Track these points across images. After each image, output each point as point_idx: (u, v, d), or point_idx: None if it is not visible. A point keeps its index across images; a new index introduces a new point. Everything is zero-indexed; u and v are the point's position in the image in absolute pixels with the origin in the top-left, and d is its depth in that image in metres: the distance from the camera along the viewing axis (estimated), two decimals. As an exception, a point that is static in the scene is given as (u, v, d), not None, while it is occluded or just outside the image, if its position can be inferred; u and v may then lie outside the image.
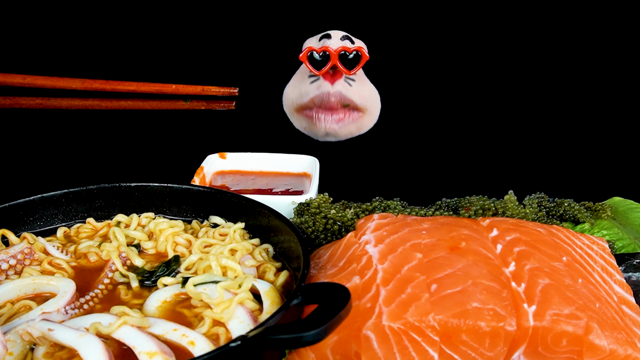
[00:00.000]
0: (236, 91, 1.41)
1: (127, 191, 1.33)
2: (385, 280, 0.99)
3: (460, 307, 0.93)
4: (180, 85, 1.43)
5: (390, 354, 0.92)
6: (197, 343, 0.91)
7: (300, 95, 1.67)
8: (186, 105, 1.43)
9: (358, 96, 1.64)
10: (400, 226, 1.14)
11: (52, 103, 1.45)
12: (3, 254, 1.13)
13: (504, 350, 0.93)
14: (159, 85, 1.44)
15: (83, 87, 1.42)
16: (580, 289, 1.01)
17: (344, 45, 1.58)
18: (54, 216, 1.30)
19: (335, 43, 1.58)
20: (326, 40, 1.60)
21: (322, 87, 1.61)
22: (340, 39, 1.59)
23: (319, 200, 1.38)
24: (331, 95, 1.61)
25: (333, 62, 1.57)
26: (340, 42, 1.58)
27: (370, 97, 1.68)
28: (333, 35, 1.59)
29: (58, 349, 0.92)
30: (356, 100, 1.64)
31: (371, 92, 1.68)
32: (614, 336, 0.94)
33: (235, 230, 1.23)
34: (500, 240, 1.10)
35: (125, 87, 1.42)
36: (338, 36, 1.59)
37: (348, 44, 1.58)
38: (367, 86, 1.67)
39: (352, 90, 1.63)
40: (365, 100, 1.66)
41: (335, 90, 1.61)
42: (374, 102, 1.69)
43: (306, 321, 0.84)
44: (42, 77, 1.43)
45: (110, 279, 1.12)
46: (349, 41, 1.59)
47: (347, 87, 1.62)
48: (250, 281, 1.03)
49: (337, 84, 1.60)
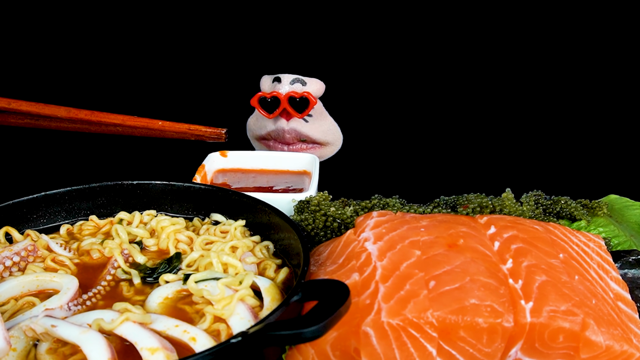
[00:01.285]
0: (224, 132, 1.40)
1: (130, 189, 1.33)
2: (384, 277, 0.99)
3: (458, 303, 0.93)
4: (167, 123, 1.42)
5: (389, 350, 0.91)
6: (198, 339, 0.91)
7: (259, 128, 1.70)
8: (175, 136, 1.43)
9: (316, 131, 1.66)
10: (399, 224, 1.14)
11: (40, 124, 1.44)
12: (7, 251, 1.13)
13: (501, 346, 0.93)
14: (146, 120, 1.43)
15: (68, 116, 1.40)
16: (576, 286, 1.01)
17: (293, 90, 1.59)
18: (57, 214, 1.30)
19: (284, 87, 1.60)
20: (277, 84, 1.62)
21: (277, 123, 1.63)
22: (290, 83, 1.60)
23: (319, 198, 1.38)
24: (286, 132, 1.63)
25: (283, 106, 1.60)
26: (290, 87, 1.60)
27: (329, 131, 1.69)
28: (283, 79, 1.61)
29: (61, 344, 0.92)
30: (313, 135, 1.66)
31: (330, 127, 1.68)
32: (610, 332, 0.94)
33: (236, 228, 1.23)
34: (497, 238, 1.10)
35: (111, 120, 1.41)
36: (288, 80, 1.61)
37: (298, 87, 1.60)
38: (327, 121, 1.68)
39: (308, 126, 1.64)
40: (324, 134, 1.68)
41: (290, 128, 1.63)
42: (334, 135, 1.70)
43: (306, 317, 0.84)
44: (27, 102, 1.41)
45: (112, 275, 1.12)
46: (300, 84, 1.60)
47: (304, 123, 1.63)
48: (250, 278, 1.03)
49: (293, 121, 1.62)
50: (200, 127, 1.42)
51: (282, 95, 1.59)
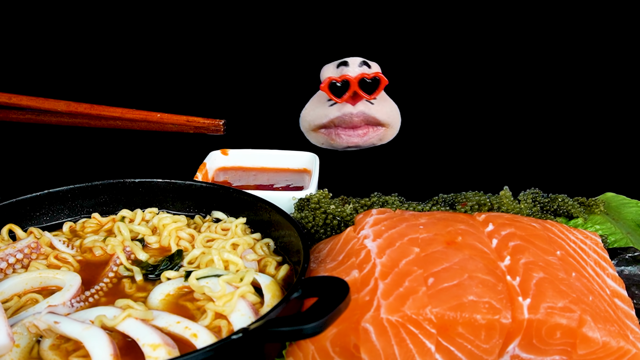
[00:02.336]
0: (222, 123, 1.39)
1: (132, 187, 1.33)
2: (384, 274, 0.99)
3: (456, 300, 0.93)
4: (165, 115, 1.42)
5: (389, 346, 0.91)
6: (199, 335, 0.91)
7: (319, 117, 1.66)
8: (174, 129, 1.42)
9: (381, 113, 1.65)
10: (398, 221, 1.14)
11: (41, 119, 1.44)
12: (10, 248, 1.13)
13: (499, 343, 0.93)
14: (144, 113, 1.42)
15: (68, 110, 1.40)
16: (573, 283, 1.01)
17: (362, 72, 1.57)
18: (60, 211, 1.30)
19: (354, 70, 1.58)
20: (344, 68, 1.59)
21: (343, 108, 1.60)
22: (358, 66, 1.59)
23: (319, 196, 1.38)
24: (354, 115, 1.60)
25: (353, 89, 1.57)
26: (359, 69, 1.58)
27: (392, 112, 1.68)
28: (350, 62, 1.59)
29: (64, 341, 0.91)
30: (379, 117, 1.64)
31: (392, 109, 1.68)
32: (606, 329, 0.94)
33: (237, 225, 1.23)
34: (495, 235, 1.10)
35: (110, 113, 1.40)
36: (356, 63, 1.59)
37: (366, 70, 1.58)
38: (389, 103, 1.68)
39: (374, 108, 1.63)
40: (387, 116, 1.66)
41: (359, 111, 1.60)
42: (395, 117, 1.69)
43: (306, 314, 0.84)
44: (28, 97, 1.41)
45: (114, 272, 1.12)
46: (367, 66, 1.59)
47: (369, 105, 1.62)
48: (251, 275, 1.03)
49: (359, 104, 1.60)
50: (198, 119, 1.42)
51: (352, 78, 1.56)
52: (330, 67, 1.63)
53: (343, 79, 1.56)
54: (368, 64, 1.60)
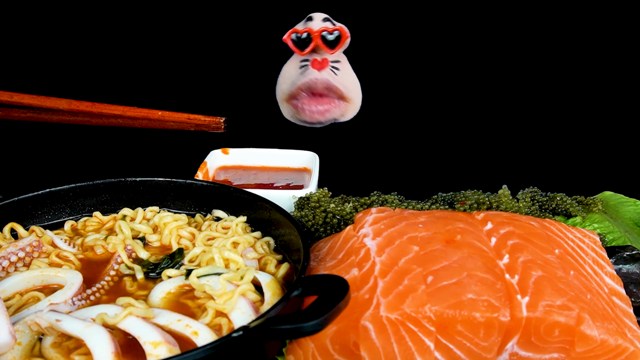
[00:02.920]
0: (222, 121, 1.39)
1: (133, 186, 1.33)
2: (383, 272, 0.99)
3: (455, 298, 0.93)
4: (166, 112, 1.42)
5: (388, 344, 0.91)
6: (200, 333, 0.91)
7: (289, 84, 1.69)
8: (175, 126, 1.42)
9: (342, 85, 1.66)
10: (397, 220, 1.14)
11: (42, 117, 1.44)
12: (12, 246, 1.12)
13: (498, 340, 0.93)
14: (145, 111, 1.42)
15: (69, 108, 1.40)
16: (572, 281, 1.00)
17: (325, 26, 1.59)
18: (61, 210, 1.30)
19: (317, 24, 1.60)
20: (308, 23, 1.62)
21: (309, 74, 1.63)
22: (322, 20, 1.61)
23: (319, 195, 1.38)
24: (318, 81, 1.63)
25: (315, 43, 1.59)
26: (322, 24, 1.60)
27: (353, 86, 1.69)
28: (315, 17, 1.61)
29: (65, 339, 0.91)
30: (341, 89, 1.66)
31: (354, 80, 1.70)
32: (604, 326, 0.94)
33: (238, 224, 1.23)
34: (494, 234, 1.10)
35: (111, 111, 1.41)
36: (320, 18, 1.61)
37: (329, 25, 1.60)
38: (350, 75, 1.69)
39: (337, 79, 1.64)
40: (349, 90, 1.68)
41: (322, 77, 1.63)
42: (357, 92, 1.71)
43: (306, 312, 0.84)
44: (29, 95, 1.41)
45: (116, 271, 1.12)
46: (330, 23, 1.61)
47: (333, 75, 1.64)
48: (252, 273, 1.03)
49: (324, 71, 1.62)
50: (199, 117, 1.42)
51: (314, 31, 1.58)
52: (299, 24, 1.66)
53: (305, 31, 1.59)
54: (332, 21, 1.61)
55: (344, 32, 1.57)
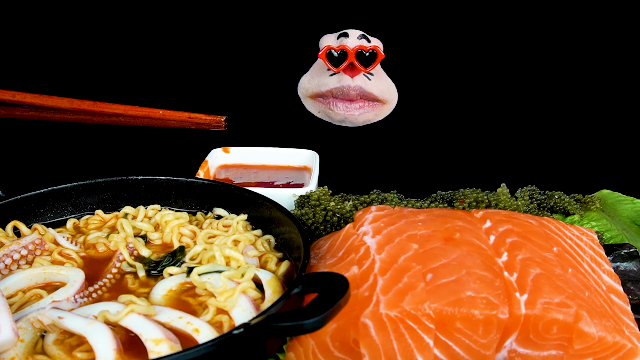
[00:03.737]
0: (223, 119, 1.39)
1: (134, 184, 1.33)
2: (383, 270, 0.99)
3: (454, 295, 0.93)
4: (167, 111, 1.42)
5: (388, 341, 0.91)
6: (201, 330, 0.91)
7: (318, 86, 1.67)
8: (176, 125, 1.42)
9: (377, 89, 1.65)
10: (397, 218, 1.14)
11: (45, 115, 1.44)
12: (15, 244, 1.12)
13: (496, 338, 0.93)
14: (147, 109, 1.42)
15: (71, 107, 1.40)
16: (570, 279, 1.00)
17: (360, 44, 1.58)
18: (63, 208, 1.30)
19: (353, 42, 1.59)
20: (343, 39, 1.60)
21: (342, 80, 1.61)
22: (357, 38, 1.60)
23: (319, 193, 1.38)
24: (351, 88, 1.61)
25: (350, 60, 1.58)
26: (357, 41, 1.59)
27: (388, 89, 1.69)
28: (350, 34, 1.60)
29: (67, 336, 0.91)
30: (376, 93, 1.65)
31: (389, 86, 1.69)
32: (602, 324, 0.94)
33: (238, 222, 1.23)
34: (493, 232, 1.10)
35: (113, 110, 1.41)
36: (355, 35, 1.60)
37: (365, 43, 1.59)
38: (386, 80, 1.69)
39: (371, 84, 1.63)
40: (384, 93, 1.67)
41: (356, 85, 1.61)
42: (392, 94, 1.70)
43: (306, 309, 0.84)
44: (32, 94, 1.41)
45: (118, 268, 1.11)
46: (366, 40, 1.60)
47: (367, 81, 1.62)
48: (252, 271, 1.03)
49: (357, 78, 1.61)
50: (200, 115, 1.42)
51: (350, 49, 1.57)
52: (330, 37, 1.65)
53: (341, 48, 1.57)
54: (368, 37, 1.61)
55: (379, 51, 1.57)
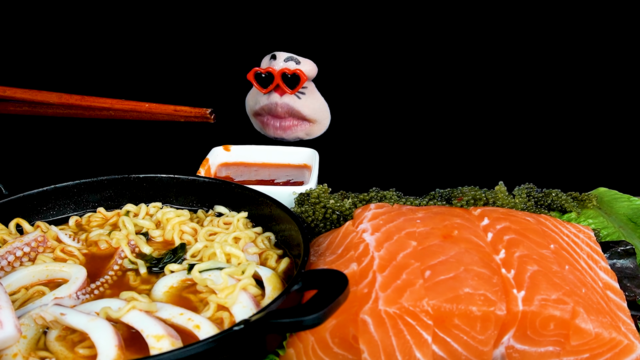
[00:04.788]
0: (208, 112, 1.39)
1: (136, 182, 1.32)
2: (382, 266, 0.99)
3: (452, 292, 0.93)
4: (153, 105, 1.42)
5: (386, 337, 0.91)
6: (202, 327, 0.91)
7: (255, 103, 1.73)
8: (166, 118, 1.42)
9: (307, 108, 1.68)
10: (395, 215, 1.14)
11: (38, 110, 1.45)
12: (17, 242, 1.12)
13: (494, 334, 0.93)
14: (133, 103, 1.43)
15: (60, 101, 1.41)
16: (567, 276, 1.00)
17: (286, 67, 1.63)
18: (66, 206, 1.30)
19: (278, 64, 1.64)
20: (272, 61, 1.66)
21: (271, 97, 1.66)
22: (284, 60, 1.64)
23: (319, 191, 1.38)
24: (279, 105, 1.66)
25: (276, 82, 1.64)
26: (284, 64, 1.64)
27: (319, 109, 1.71)
28: (278, 56, 1.65)
29: (70, 332, 0.91)
30: (304, 112, 1.68)
31: (321, 106, 1.71)
32: (599, 320, 0.94)
33: (239, 219, 1.23)
34: (491, 229, 1.10)
35: (100, 104, 1.42)
36: (282, 57, 1.65)
37: (291, 65, 1.63)
38: (317, 100, 1.70)
39: (300, 102, 1.67)
40: (314, 112, 1.70)
41: (283, 102, 1.65)
42: (323, 114, 1.72)
43: (306, 306, 0.84)
44: (21, 90, 1.42)
45: (119, 265, 1.11)
46: (294, 62, 1.64)
47: (296, 99, 1.66)
48: (253, 268, 1.03)
49: (286, 96, 1.65)
50: (185, 108, 1.43)
51: (276, 71, 1.63)
52: (265, 59, 1.70)
53: (267, 71, 1.64)
54: (297, 60, 1.64)
55: (302, 75, 1.61)
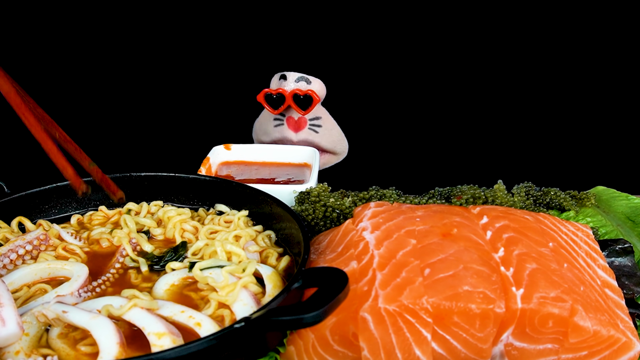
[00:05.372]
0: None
1: (138, 180, 1.32)
2: (381, 264, 0.99)
3: (452, 290, 0.93)
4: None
5: (386, 335, 0.91)
6: (203, 324, 0.91)
7: (265, 133, 1.65)
8: None
9: (326, 141, 1.62)
10: (395, 214, 1.14)
11: None
12: (20, 240, 1.12)
13: (493, 331, 0.93)
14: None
15: None
16: (565, 273, 1.00)
17: (297, 87, 1.56)
18: (68, 204, 1.30)
19: (290, 85, 1.57)
20: (282, 82, 1.59)
21: (284, 133, 1.59)
22: (295, 81, 1.57)
23: (319, 189, 1.38)
24: (295, 143, 1.60)
25: (288, 103, 1.57)
26: (295, 84, 1.57)
27: (338, 141, 1.65)
28: (289, 76, 1.58)
29: (72, 329, 0.91)
30: (324, 145, 1.62)
31: (338, 136, 1.65)
32: (597, 318, 0.94)
33: (240, 218, 1.23)
34: (490, 227, 1.10)
35: None
36: (293, 78, 1.58)
37: (302, 86, 1.57)
38: (334, 129, 1.64)
39: (318, 137, 1.60)
40: (334, 145, 1.64)
41: (300, 139, 1.59)
42: (342, 145, 1.67)
43: (306, 303, 0.84)
44: None
45: (121, 263, 1.11)
46: (305, 82, 1.57)
47: (314, 134, 1.59)
48: (253, 266, 1.03)
49: (302, 132, 1.59)
50: None
51: (287, 92, 1.57)
52: (275, 78, 1.63)
53: (278, 92, 1.57)
54: (307, 79, 1.58)
55: (314, 96, 1.54)
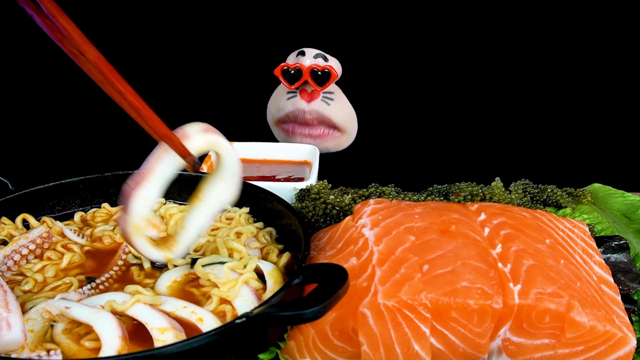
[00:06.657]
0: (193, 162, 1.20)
1: (140, 178, 1.32)
2: (381, 261, 0.99)
3: (450, 286, 0.93)
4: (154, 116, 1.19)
5: (385, 330, 0.91)
6: (205, 319, 0.91)
7: (277, 110, 1.64)
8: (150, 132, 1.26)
9: (338, 115, 1.60)
10: (394, 211, 1.14)
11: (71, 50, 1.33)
12: (23, 239, 1.12)
13: (491, 327, 0.93)
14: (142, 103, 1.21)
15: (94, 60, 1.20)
16: (562, 270, 1.00)
17: (316, 63, 1.55)
18: (71, 201, 1.30)
19: (308, 60, 1.56)
20: (300, 57, 1.58)
21: (297, 104, 1.58)
22: (314, 57, 1.56)
23: (319, 187, 1.38)
24: (306, 112, 1.57)
25: (305, 78, 1.56)
26: (313, 60, 1.56)
27: (349, 117, 1.63)
28: (307, 52, 1.57)
29: (75, 325, 0.92)
30: (335, 119, 1.60)
31: (350, 112, 1.63)
32: (593, 313, 0.94)
33: (241, 215, 1.23)
34: (487, 224, 1.10)
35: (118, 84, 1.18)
36: (311, 54, 1.57)
37: (320, 62, 1.56)
38: (346, 105, 1.63)
39: (330, 109, 1.58)
40: (345, 120, 1.62)
41: (311, 109, 1.57)
42: (352, 124, 1.65)
43: (306, 299, 0.84)
44: None
45: (123, 260, 1.11)
46: (322, 59, 1.57)
47: (325, 106, 1.58)
48: (254, 262, 1.03)
49: (314, 103, 1.57)
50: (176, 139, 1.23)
51: (305, 67, 1.55)
52: (292, 56, 1.62)
53: (296, 67, 1.56)
54: (325, 57, 1.57)
55: (332, 71, 1.53)
